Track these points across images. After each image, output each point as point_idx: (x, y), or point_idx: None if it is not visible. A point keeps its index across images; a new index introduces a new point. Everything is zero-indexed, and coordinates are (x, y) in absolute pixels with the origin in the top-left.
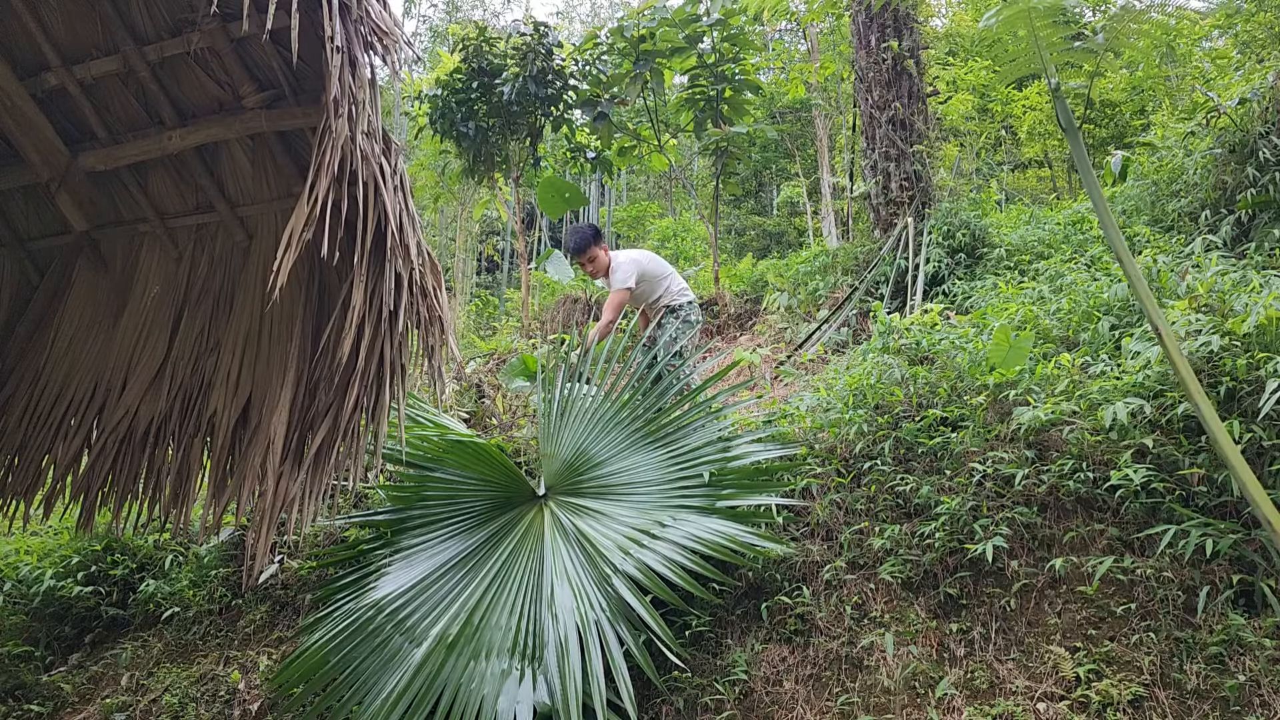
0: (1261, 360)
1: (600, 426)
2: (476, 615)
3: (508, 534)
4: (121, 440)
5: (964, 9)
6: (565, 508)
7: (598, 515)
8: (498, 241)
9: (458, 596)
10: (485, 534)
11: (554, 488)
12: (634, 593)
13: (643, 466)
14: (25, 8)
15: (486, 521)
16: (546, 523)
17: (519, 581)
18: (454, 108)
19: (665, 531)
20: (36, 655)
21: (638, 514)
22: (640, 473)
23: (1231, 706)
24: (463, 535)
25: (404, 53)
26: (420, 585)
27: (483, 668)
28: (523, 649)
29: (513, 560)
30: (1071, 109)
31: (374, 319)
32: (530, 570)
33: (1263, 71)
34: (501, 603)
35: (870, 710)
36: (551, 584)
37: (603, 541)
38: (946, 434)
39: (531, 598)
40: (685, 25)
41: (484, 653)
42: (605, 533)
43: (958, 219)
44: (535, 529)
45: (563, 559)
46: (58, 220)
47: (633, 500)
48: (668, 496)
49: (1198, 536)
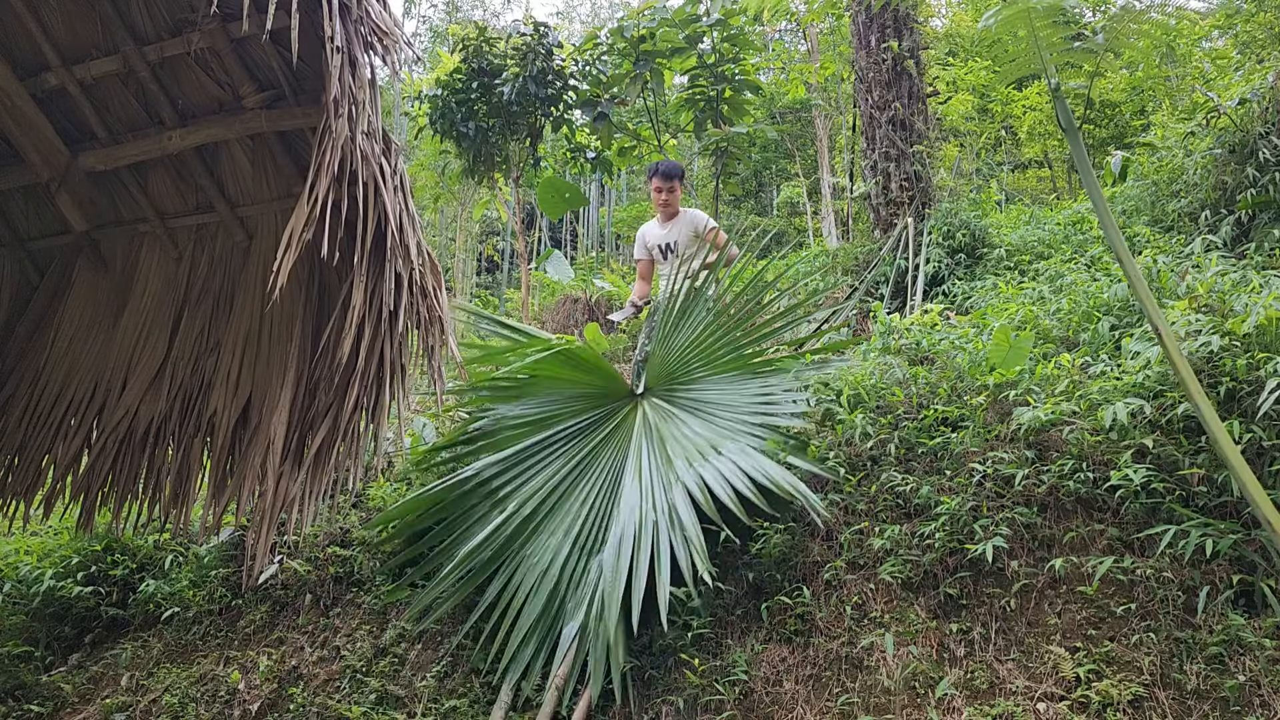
0: (1261, 360)
1: (709, 341)
2: (553, 497)
3: (599, 426)
4: (121, 440)
5: (964, 9)
6: (656, 410)
7: (681, 424)
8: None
9: (541, 476)
10: (577, 424)
11: (652, 389)
12: (687, 505)
13: (730, 393)
14: (25, 8)
15: (580, 414)
16: (638, 420)
17: (599, 472)
18: (454, 108)
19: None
20: (36, 655)
21: (714, 434)
22: (728, 397)
23: (1231, 706)
24: (556, 423)
25: (404, 53)
26: (510, 460)
27: (547, 543)
28: (585, 537)
29: (598, 451)
30: (1071, 109)
31: (374, 319)
32: (612, 463)
33: (1263, 71)
34: (578, 489)
35: (870, 710)
36: (624, 481)
37: (676, 449)
38: (946, 434)
39: (607, 490)
40: (685, 25)
41: (550, 531)
42: (680, 439)
43: (958, 219)
44: (627, 424)
45: (641, 458)
46: (58, 220)
47: (714, 420)
48: (745, 426)
49: (1198, 536)
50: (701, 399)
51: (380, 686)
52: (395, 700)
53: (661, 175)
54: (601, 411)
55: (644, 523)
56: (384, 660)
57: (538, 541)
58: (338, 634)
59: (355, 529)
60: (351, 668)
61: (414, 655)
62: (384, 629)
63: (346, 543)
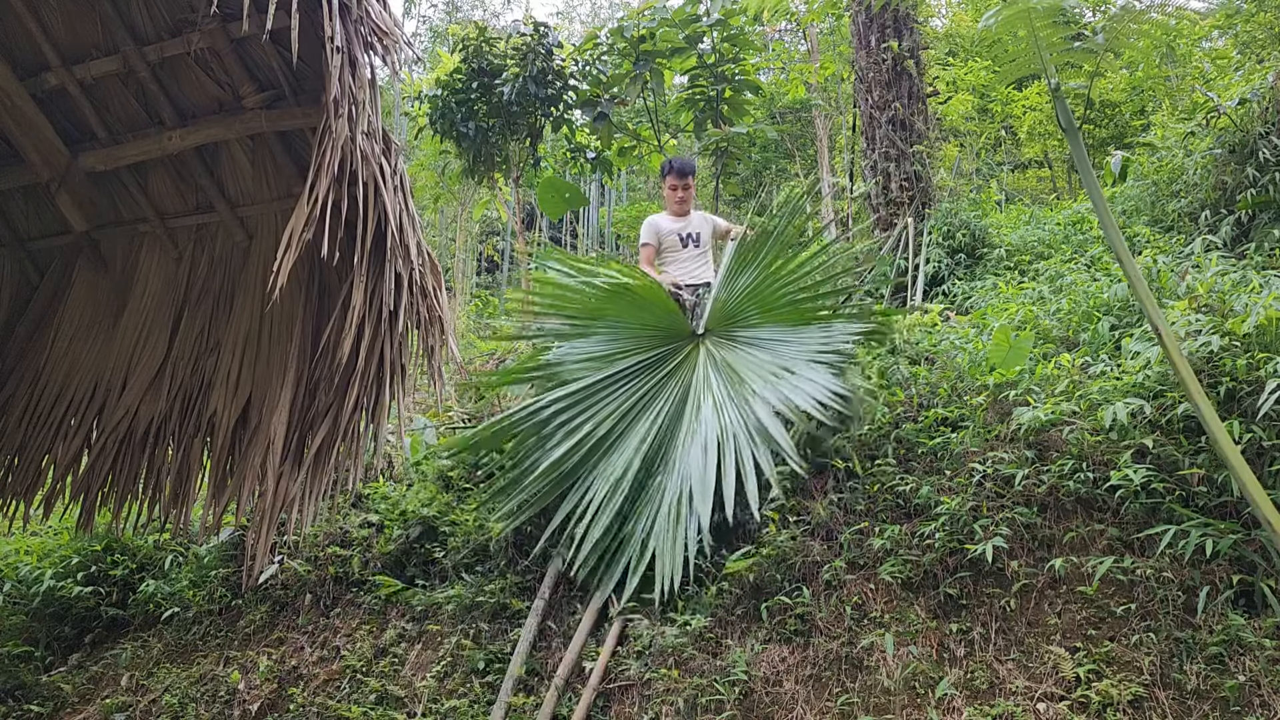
0: (1261, 360)
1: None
2: (623, 422)
3: (663, 362)
4: (121, 440)
5: (964, 9)
6: (719, 345)
7: (745, 354)
8: (498, 241)
9: (610, 405)
10: (643, 359)
11: (712, 330)
12: (769, 414)
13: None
14: (25, 8)
15: (646, 350)
16: (701, 355)
17: (665, 400)
18: (454, 108)
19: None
20: (36, 655)
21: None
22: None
23: (1231, 706)
24: (622, 359)
25: (404, 53)
26: (581, 393)
27: (617, 461)
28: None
29: (663, 383)
30: (1071, 109)
31: (374, 319)
32: (676, 393)
33: (1263, 71)
34: (646, 414)
35: (870, 710)
36: (697, 401)
37: (746, 372)
38: (947, 434)
39: (673, 415)
40: (685, 25)
41: (621, 451)
42: (750, 366)
43: (958, 219)
44: (690, 360)
45: (711, 383)
46: (58, 220)
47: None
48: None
49: (1198, 536)
50: (760, 339)
51: (380, 686)
52: (395, 700)
53: (677, 173)
54: (665, 349)
55: (725, 433)
56: (384, 660)
57: (609, 460)
58: (338, 634)
59: (355, 530)
60: (351, 668)
61: (414, 655)
62: (384, 629)
63: (347, 543)
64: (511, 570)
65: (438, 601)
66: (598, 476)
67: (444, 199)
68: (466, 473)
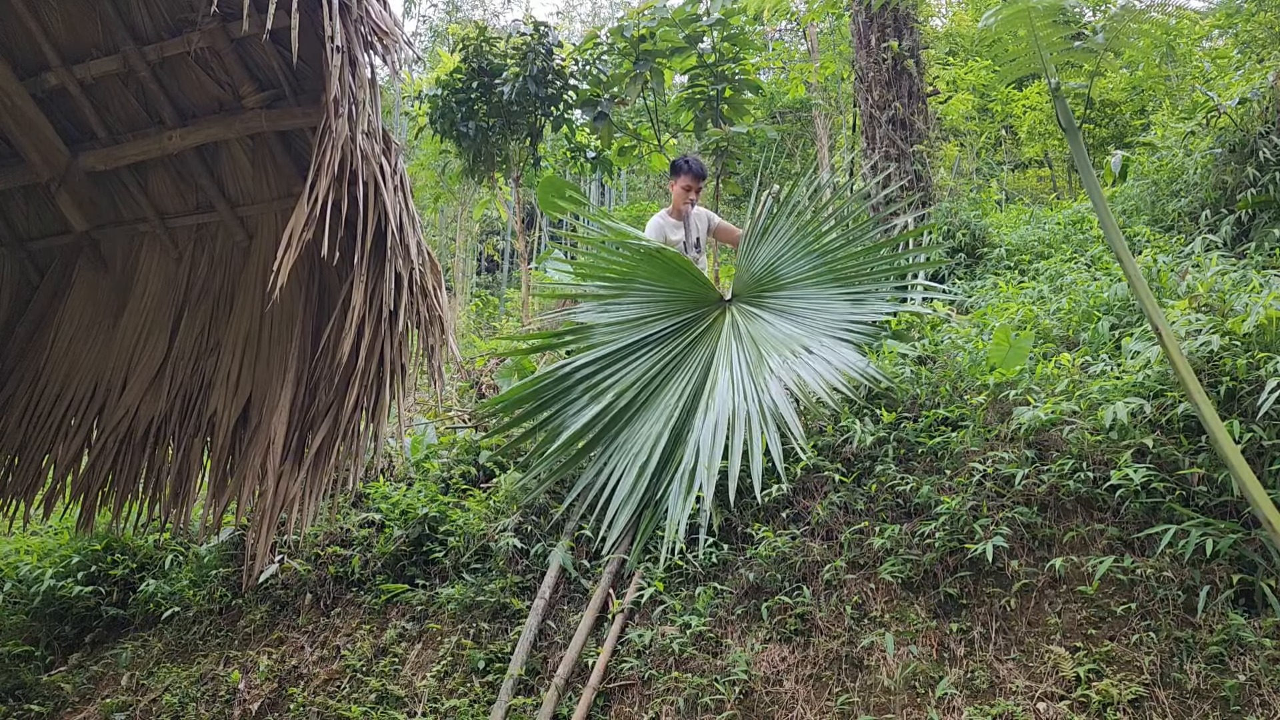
0: (1261, 360)
1: (792, 252)
2: (649, 390)
3: (690, 329)
4: (121, 440)
5: (964, 9)
6: (744, 313)
7: (769, 324)
8: (498, 241)
9: (636, 371)
10: (670, 325)
11: (739, 295)
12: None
13: (816, 299)
14: (25, 8)
15: (673, 315)
16: (726, 323)
17: (691, 368)
18: (454, 108)
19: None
20: (36, 655)
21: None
22: (813, 302)
23: (1231, 706)
24: (649, 325)
25: (404, 52)
26: (609, 358)
27: (641, 430)
28: (677, 424)
29: (690, 349)
30: (1071, 109)
31: (374, 319)
32: (702, 361)
33: (1263, 71)
34: (671, 383)
35: (870, 710)
36: (715, 376)
37: (766, 347)
38: (947, 434)
39: (696, 385)
40: (685, 25)
41: (645, 420)
42: (771, 341)
43: (958, 219)
44: (716, 327)
45: (731, 354)
46: (58, 220)
47: (802, 321)
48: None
49: (1198, 536)
50: (787, 305)
51: (380, 686)
52: (395, 700)
53: (695, 175)
54: (693, 314)
55: (736, 414)
56: (384, 660)
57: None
58: (338, 634)
59: (355, 529)
60: (351, 668)
61: (414, 655)
62: (384, 629)
63: (347, 542)
64: (512, 570)
65: (438, 601)
66: (619, 447)
67: (444, 199)
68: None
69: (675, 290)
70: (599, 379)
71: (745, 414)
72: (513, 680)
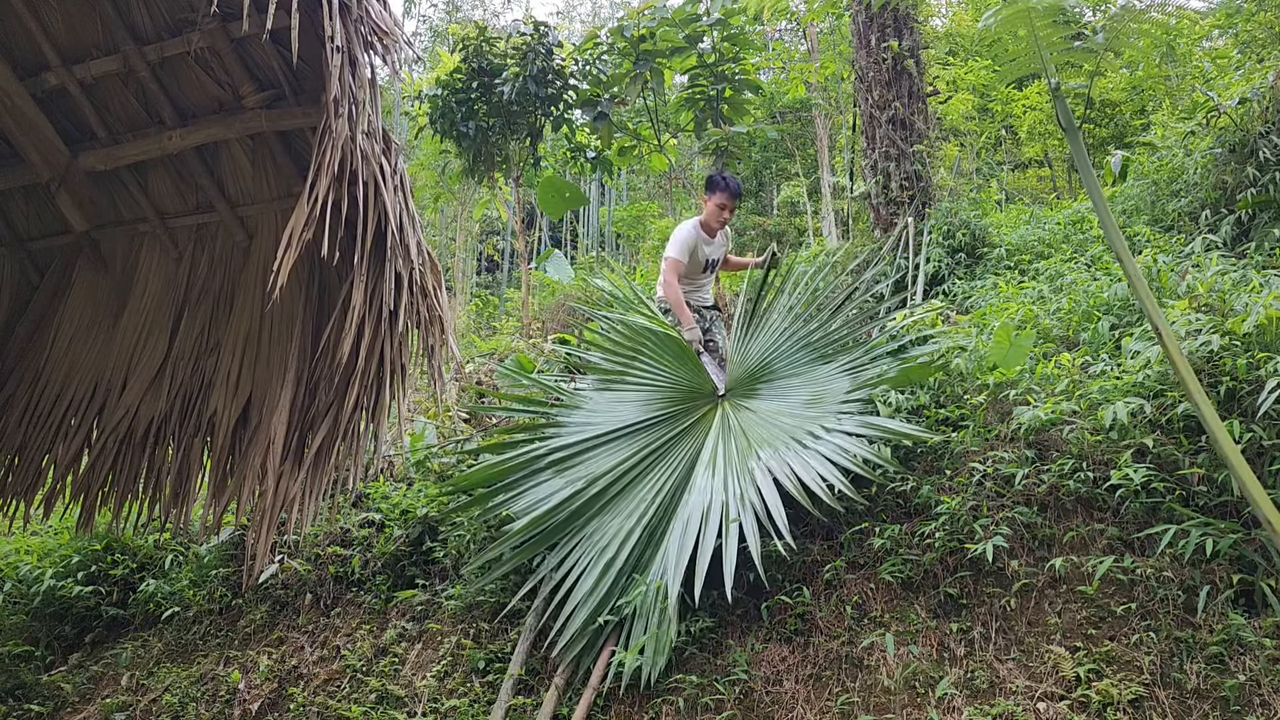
0: (1261, 360)
1: (786, 344)
2: (623, 481)
3: (679, 421)
4: (121, 440)
5: (964, 9)
6: (736, 407)
7: (759, 413)
8: (498, 241)
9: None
10: (660, 413)
11: (733, 390)
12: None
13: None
14: (25, 8)
15: (666, 406)
16: (717, 419)
17: (673, 464)
18: (454, 107)
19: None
20: (36, 655)
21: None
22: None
23: (1231, 706)
24: (639, 408)
25: (404, 52)
26: (588, 443)
27: (610, 523)
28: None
29: (675, 443)
30: (1071, 109)
31: (374, 319)
32: (686, 457)
33: (1263, 71)
34: (649, 477)
35: (870, 710)
36: (697, 471)
37: (754, 434)
38: (947, 433)
39: (677, 482)
40: (685, 25)
41: (615, 512)
42: (764, 428)
43: (958, 219)
44: (705, 423)
45: (717, 450)
46: (58, 220)
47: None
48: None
49: (1198, 536)
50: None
51: (380, 686)
52: (395, 700)
53: (734, 194)
54: (685, 408)
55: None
56: (384, 660)
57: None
58: (338, 634)
59: (355, 529)
60: (351, 668)
61: (414, 655)
62: (384, 629)
63: (347, 542)
64: (512, 570)
65: (438, 601)
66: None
67: (444, 199)
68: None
69: (677, 376)
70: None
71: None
72: (513, 680)
